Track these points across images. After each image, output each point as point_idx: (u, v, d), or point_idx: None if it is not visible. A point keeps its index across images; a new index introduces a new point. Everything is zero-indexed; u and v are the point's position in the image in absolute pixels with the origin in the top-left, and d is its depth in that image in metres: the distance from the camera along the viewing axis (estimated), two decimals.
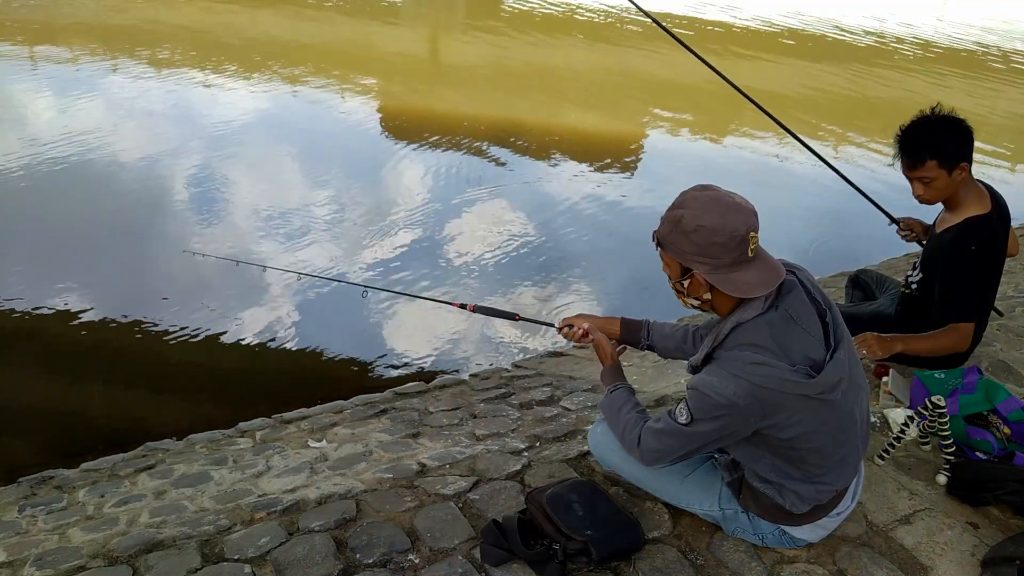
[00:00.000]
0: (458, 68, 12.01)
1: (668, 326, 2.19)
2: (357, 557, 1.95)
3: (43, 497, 2.79)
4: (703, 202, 1.66)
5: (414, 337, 4.56)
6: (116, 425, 3.61)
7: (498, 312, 2.52)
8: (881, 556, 2.01)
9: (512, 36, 13.30)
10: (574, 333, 2.19)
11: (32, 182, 5.99)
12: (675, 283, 1.78)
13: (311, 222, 5.81)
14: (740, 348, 1.66)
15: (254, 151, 7.24)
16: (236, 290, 4.84)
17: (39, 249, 5.15)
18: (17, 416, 3.64)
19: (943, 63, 14.67)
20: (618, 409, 1.97)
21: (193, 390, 3.99)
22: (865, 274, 3.37)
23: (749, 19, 16.86)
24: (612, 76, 11.82)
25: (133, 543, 2.03)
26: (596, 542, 1.86)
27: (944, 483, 2.28)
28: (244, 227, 5.69)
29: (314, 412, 3.48)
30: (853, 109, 11.05)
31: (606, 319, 2.22)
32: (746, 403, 1.63)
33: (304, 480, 2.58)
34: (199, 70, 9.57)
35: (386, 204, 6.31)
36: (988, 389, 2.49)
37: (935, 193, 2.55)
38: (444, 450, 2.69)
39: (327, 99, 9.09)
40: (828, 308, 1.75)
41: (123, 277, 4.99)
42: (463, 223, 6.09)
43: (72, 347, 4.20)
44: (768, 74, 12.34)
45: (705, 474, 1.99)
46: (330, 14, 14.06)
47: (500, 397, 3.50)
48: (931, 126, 2.47)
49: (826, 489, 1.84)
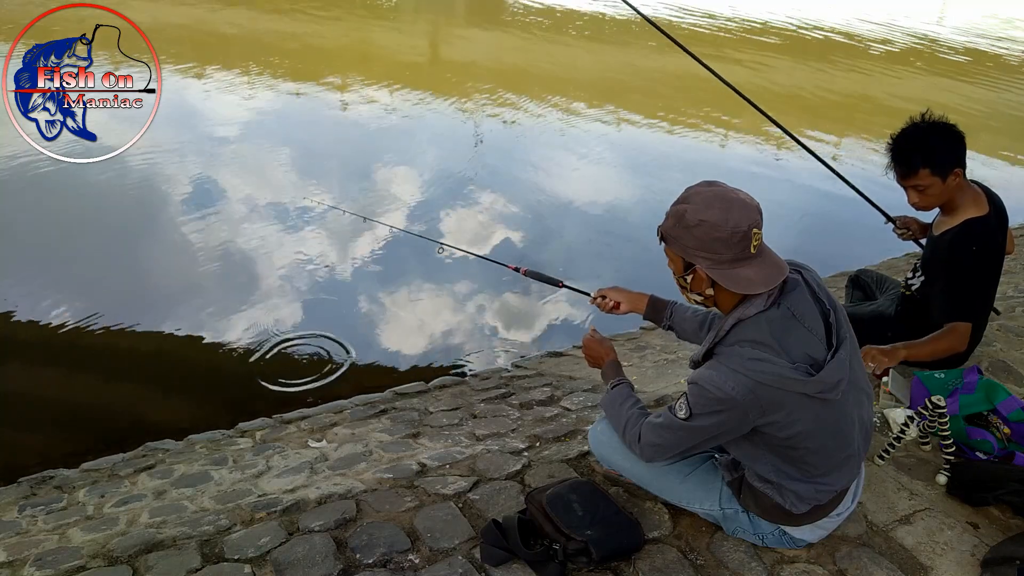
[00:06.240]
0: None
1: (691, 310, 2.20)
2: (357, 557, 1.95)
3: (43, 497, 2.79)
4: (706, 197, 1.66)
5: (414, 337, 4.56)
6: (116, 425, 3.61)
7: (545, 277, 2.68)
8: (881, 556, 2.01)
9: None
10: (606, 304, 2.30)
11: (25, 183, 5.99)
12: (679, 278, 1.78)
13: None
14: (741, 344, 1.66)
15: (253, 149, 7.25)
16: (236, 290, 4.85)
17: (39, 249, 5.15)
18: (17, 416, 3.65)
19: (944, 63, 14.67)
20: (619, 405, 1.98)
21: (193, 390, 3.99)
22: (865, 274, 3.37)
23: (748, 19, 16.86)
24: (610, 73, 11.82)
25: (133, 543, 2.02)
26: (596, 542, 1.86)
27: (944, 483, 2.28)
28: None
29: (314, 412, 3.48)
30: (853, 109, 11.05)
31: (637, 294, 2.29)
32: (745, 399, 1.64)
33: (304, 480, 2.58)
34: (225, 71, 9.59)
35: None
36: (988, 389, 2.49)
37: (930, 200, 2.54)
38: (444, 450, 2.69)
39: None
40: (832, 308, 1.75)
41: (123, 277, 4.99)
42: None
43: (72, 347, 4.20)
44: (768, 74, 12.34)
45: (706, 473, 1.99)
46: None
47: (500, 397, 3.50)
48: (921, 134, 2.46)
49: (826, 489, 1.84)
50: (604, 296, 2.32)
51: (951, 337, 2.55)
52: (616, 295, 2.30)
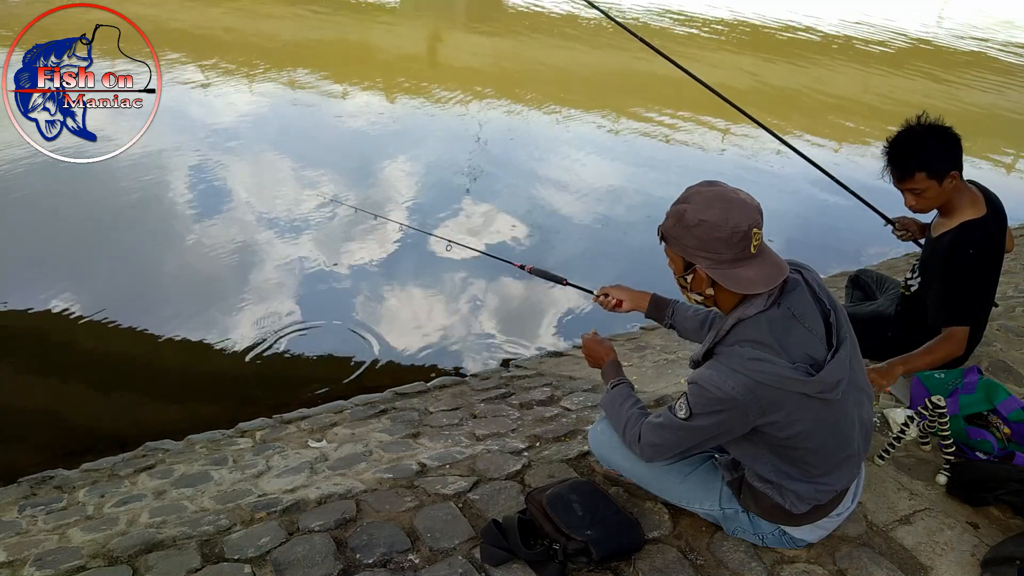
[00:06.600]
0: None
1: (692, 309, 2.21)
2: (357, 557, 1.95)
3: (43, 497, 2.79)
4: (707, 197, 1.66)
5: (414, 337, 4.56)
6: (116, 425, 3.61)
7: (550, 275, 2.72)
8: (881, 556, 2.01)
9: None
10: (608, 302, 2.32)
11: (23, 182, 5.99)
12: (679, 278, 1.78)
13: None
14: (741, 344, 1.66)
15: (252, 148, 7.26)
16: (236, 289, 4.84)
17: (39, 249, 5.15)
18: (17, 416, 3.64)
19: (944, 63, 14.66)
20: (619, 405, 1.98)
21: (193, 390, 3.99)
22: (865, 274, 3.37)
23: (751, 18, 16.86)
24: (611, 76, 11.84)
25: (133, 543, 2.02)
26: (596, 542, 1.86)
27: (944, 483, 2.28)
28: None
29: (314, 412, 3.48)
30: (852, 109, 11.04)
31: (639, 293, 2.31)
32: (745, 399, 1.64)
33: (304, 480, 2.58)
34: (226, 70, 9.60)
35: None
36: (988, 389, 2.49)
37: (927, 203, 2.54)
38: (444, 450, 2.69)
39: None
40: (833, 308, 1.75)
41: (123, 277, 4.99)
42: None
43: (72, 347, 4.20)
44: (767, 74, 12.34)
45: (706, 473, 1.99)
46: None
47: (500, 397, 3.50)
48: (917, 137, 2.46)
49: (826, 489, 1.84)
50: (607, 294, 2.33)
51: (948, 344, 2.52)
52: (618, 293, 2.31)
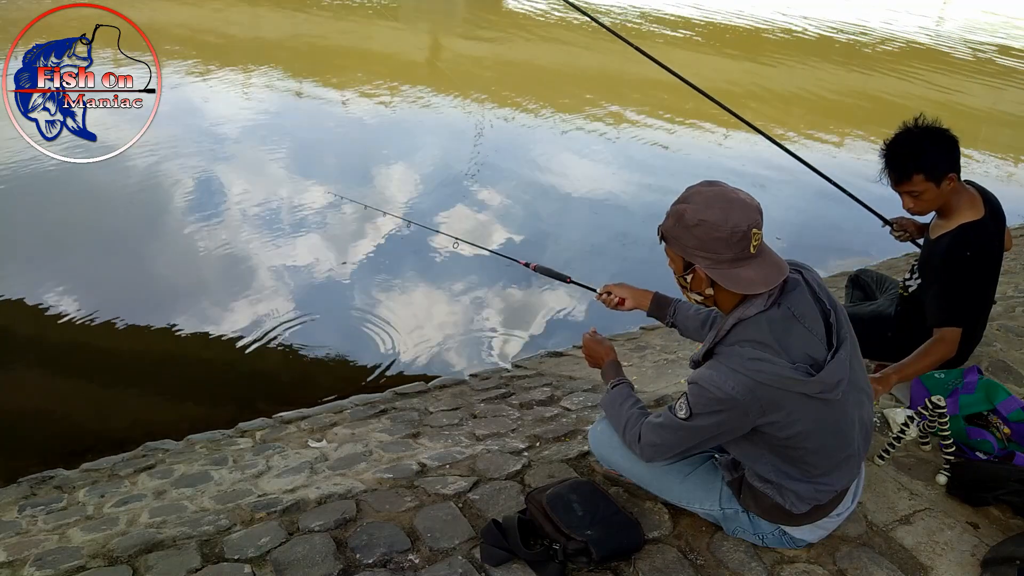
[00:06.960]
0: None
1: (694, 308, 2.22)
2: (357, 557, 1.95)
3: (43, 497, 2.79)
4: (707, 197, 1.66)
5: (415, 337, 4.56)
6: (116, 425, 3.61)
7: (554, 273, 2.73)
8: (881, 556, 2.01)
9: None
10: (610, 300, 2.34)
11: (24, 182, 6.00)
12: (679, 278, 1.78)
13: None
14: (741, 344, 1.66)
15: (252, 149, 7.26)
16: (236, 289, 4.85)
17: (39, 249, 5.15)
18: (17, 416, 3.64)
19: (943, 63, 14.66)
20: (619, 405, 1.98)
21: (193, 390, 3.99)
22: (865, 274, 3.37)
23: (749, 18, 16.86)
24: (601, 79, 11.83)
25: (133, 543, 2.02)
26: (596, 542, 1.86)
27: (944, 483, 2.28)
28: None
29: (314, 412, 3.48)
30: (851, 109, 11.04)
31: (641, 291, 2.32)
32: (745, 399, 1.64)
33: (304, 480, 2.58)
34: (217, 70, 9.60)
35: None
36: (988, 389, 2.49)
37: (925, 205, 2.54)
38: (444, 450, 2.69)
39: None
40: (833, 308, 1.75)
41: (123, 276, 4.99)
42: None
43: (72, 347, 4.20)
44: (766, 73, 12.33)
45: (706, 473, 1.99)
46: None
47: (500, 397, 3.50)
48: (914, 140, 2.45)
49: (826, 489, 1.84)
50: (609, 292, 2.34)
51: (941, 347, 2.51)
52: (621, 291, 2.32)
